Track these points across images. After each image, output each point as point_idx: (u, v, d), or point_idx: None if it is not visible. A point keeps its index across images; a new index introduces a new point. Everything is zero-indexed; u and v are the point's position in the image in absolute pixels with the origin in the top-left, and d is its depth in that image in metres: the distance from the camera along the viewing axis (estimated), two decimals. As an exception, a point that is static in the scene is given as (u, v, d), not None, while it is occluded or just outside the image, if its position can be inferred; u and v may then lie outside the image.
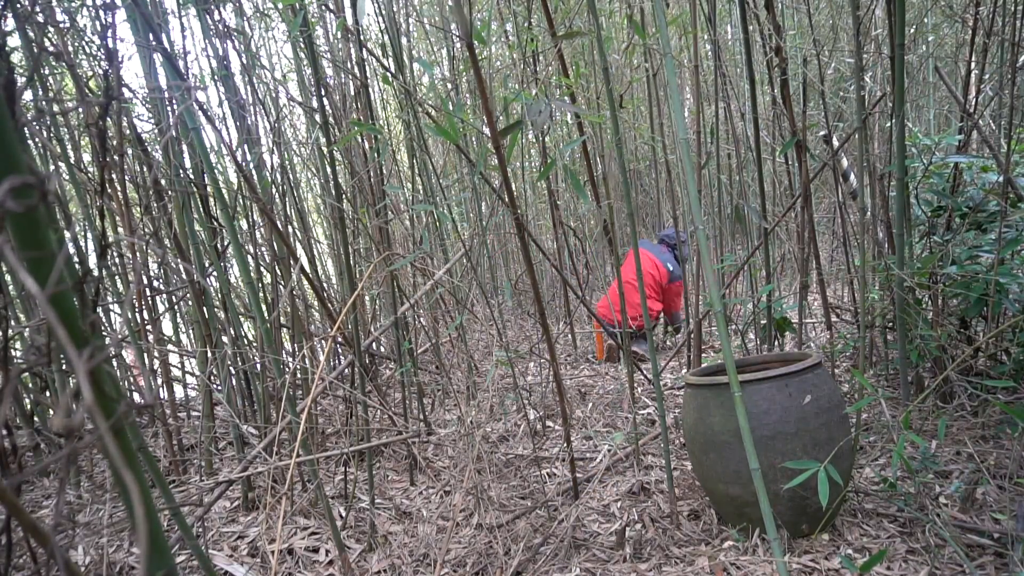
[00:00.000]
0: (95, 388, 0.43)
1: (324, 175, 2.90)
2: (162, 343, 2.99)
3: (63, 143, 2.52)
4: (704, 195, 3.08)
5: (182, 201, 2.25)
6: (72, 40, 2.45)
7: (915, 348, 2.24)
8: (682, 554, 1.76)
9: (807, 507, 1.69)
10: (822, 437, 1.66)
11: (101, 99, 0.55)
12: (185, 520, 1.23)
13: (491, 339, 4.17)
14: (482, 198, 3.67)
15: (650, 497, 2.12)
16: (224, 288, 2.29)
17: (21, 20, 1.55)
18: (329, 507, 1.81)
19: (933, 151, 2.36)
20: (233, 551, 2.02)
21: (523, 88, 2.58)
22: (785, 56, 2.41)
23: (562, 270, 3.75)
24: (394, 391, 3.43)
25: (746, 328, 3.34)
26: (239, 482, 2.28)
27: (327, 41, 3.04)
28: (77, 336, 0.40)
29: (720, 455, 1.73)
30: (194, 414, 3.25)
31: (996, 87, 2.77)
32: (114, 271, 2.83)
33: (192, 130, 1.72)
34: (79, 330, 0.41)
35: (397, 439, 2.25)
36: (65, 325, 0.40)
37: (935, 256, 2.19)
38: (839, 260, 4.23)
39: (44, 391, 2.80)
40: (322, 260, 4.40)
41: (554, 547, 1.84)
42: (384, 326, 2.90)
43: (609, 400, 3.11)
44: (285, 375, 1.80)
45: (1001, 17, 2.32)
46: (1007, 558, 1.50)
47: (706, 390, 1.77)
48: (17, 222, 0.39)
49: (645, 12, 3.57)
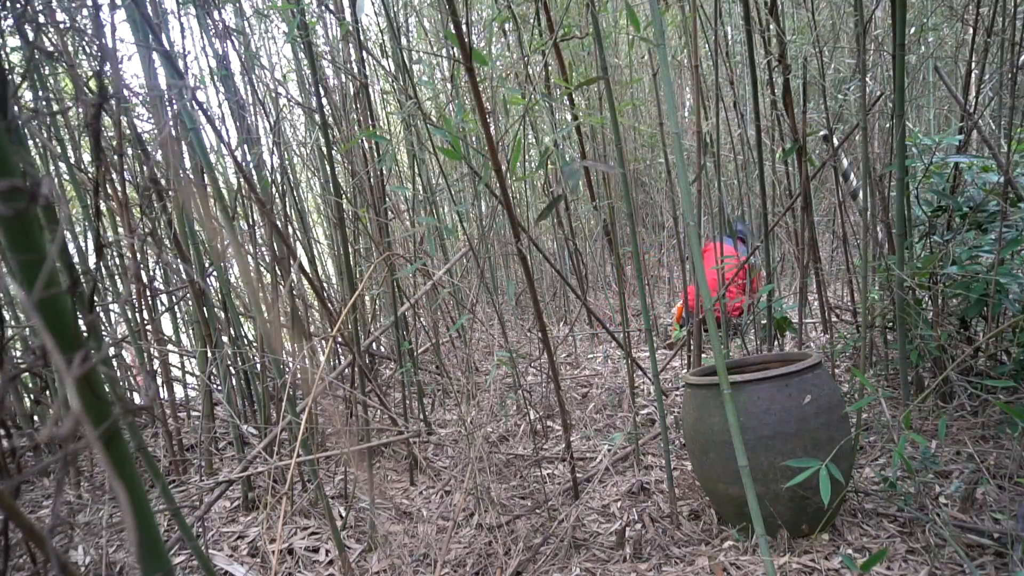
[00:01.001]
0: (88, 392, 0.43)
1: (324, 175, 2.90)
2: (162, 343, 2.99)
3: (63, 143, 2.52)
4: (704, 195, 3.08)
5: (181, 201, 2.25)
6: (72, 40, 2.45)
7: (915, 348, 2.24)
8: (682, 554, 1.75)
9: (807, 507, 1.69)
10: (822, 437, 1.66)
11: (96, 99, 0.55)
12: (185, 520, 1.23)
13: (491, 339, 4.17)
14: (482, 198, 3.67)
15: (650, 497, 2.12)
16: (224, 288, 2.29)
17: (19, 20, 1.55)
18: (329, 507, 1.81)
19: (933, 151, 2.36)
20: (233, 551, 2.02)
21: (523, 90, 2.57)
22: (788, 63, 2.40)
23: (562, 271, 3.76)
24: (394, 391, 3.44)
25: (746, 328, 3.33)
26: (239, 482, 2.28)
27: (327, 40, 3.04)
28: (70, 339, 0.40)
29: (720, 455, 1.73)
30: (194, 414, 3.25)
31: (996, 87, 2.77)
32: (114, 271, 2.83)
33: (191, 130, 1.72)
34: (71, 333, 0.40)
35: (397, 439, 2.25)
36: (58, 328, 0.40)
37: (935, 256, 2.19)
38: (839, 260, 4.23)
39: (44, 391, 2.81)
40: (322, 260, 4.40)
41: (554, 547, 1.84)
42: (384, 326, 2.90)
43: (609, 400, 3.11)
44: (286, 376, 1.80)
45: (1001, 17, 2.32)
46: (1007, 558, 1.50)
47: (705, 390, 1.76)
48: (9, 225, 0.39)
49: (645, 10, 3.57)
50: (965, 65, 2.71)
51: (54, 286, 0.39)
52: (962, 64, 3.75)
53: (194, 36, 8.08)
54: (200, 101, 1.80)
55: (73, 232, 2.82)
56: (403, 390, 2.68)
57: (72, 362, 0.27)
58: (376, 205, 2.56)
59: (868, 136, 2.17)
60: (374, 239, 2.55)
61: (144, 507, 0.54)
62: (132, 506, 0.51)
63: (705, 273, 1.45)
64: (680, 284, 4.98)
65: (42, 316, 0.38)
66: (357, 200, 2.89)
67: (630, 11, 1.84)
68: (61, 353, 0.37)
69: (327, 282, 4.24)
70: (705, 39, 2.90)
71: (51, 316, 0.39)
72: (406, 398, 2.76)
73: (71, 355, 0.37)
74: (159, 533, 0.58)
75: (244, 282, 1.88)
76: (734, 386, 1.71)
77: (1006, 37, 2.25)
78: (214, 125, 1.85)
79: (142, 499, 0.54)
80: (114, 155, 2.28)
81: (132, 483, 0.51)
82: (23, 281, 0.38)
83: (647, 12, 3.58)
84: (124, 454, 0.51)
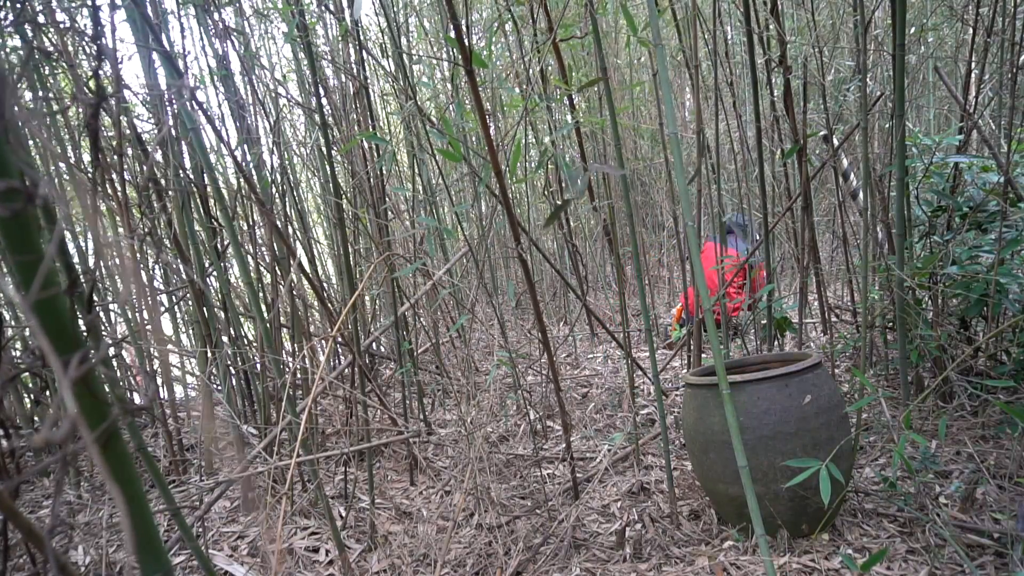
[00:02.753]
0: (86, 393, 0.43)
1: (324, 175, 2.90)
2: (162, 343, 2.99)
3: (63, 143, 2.52)
4: (704, 195, 3.08)
5: (181, 201, 2.25)
6: (72, 40, 2.45)
7: (915, 348, 2.24)
8: (682, 554, 1.75)
9: (807, 507, 1.69)
10: (822, 437, 1.66)
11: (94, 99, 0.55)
12: (185, 520, 1.23)
13: (491, 339, 4.17)
14: (482, 198, 3.67)
15: (650, 497, 2.12)
16: (224, 288, 2.29)
17: (18, 19, 1.56)
18: (329, 507, 1.81)
19: (933, 151, 2.36)
20: (233, 551, 2.02)
21: (523, 91, 2.57)
22: (789, 64, 2.40)
23: (562, 271, 3.75)
24: (394, 391, 3.44)
25: (746, 328, 3.33)
26: (239, 482, 2.28)
27: (327, 40, 3.04)
28: (68, 340, 0.40)
29: (720, 455, 1.73)
30: (194, 414, 3.25)
31: (996, 87, 2.77)
32: (115, 271, 2.83)
33: (191, 130, 1.72)
34: (69, 334, 0.40)
35: (397, 439, 2.25)
36: (56, 328, 0.39)
37: (935, 256, 2.18)
38: (839, 260, 4.22)
39: (44, 391, 2.80)
40: (322, 260, 4.40)
41: (554, 547, 1.84)
42: (384, 326, 2.90)
43: (610, 400, 3.11)
44: (286, 376, 1.80)
45: (1001, 17, 2.32)
46: (1007, 558, 1.50)
47: (705, 390, 1.76)
48: (7, 225, 0.39)
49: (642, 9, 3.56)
50: (965, 65, 2.71)
51: (52, 287, 0.39)
52: (962, 64, 3.75)
53: (194, 36, 8.09)
54: (200, 101, 1.80)
55: (74, 232, 2.82)
56: (403, 390, 2.68)
57: (69, 364, 0.27)
58: (376, 205, 2.56)
59: (868, 136, 2.17)
60: (374, 239, 2.55)
61: (142, 508, 0.54)
62: (129, 507, 0.51)
63: (704, 274, 1.45)
64: (680, 284, 4.98)
65: (39, 317, 0.38)
66: (357, 201, 2.89)
67: (627, 14, 1.84)
68: (58, 355, 0.37)
69: (327, 282, 4.24)
70: (705, 41, 2.90)
71: (49, 317, 0.39)
72: (406, 398, 2.76)
73: (68, 357, 0.37)
74: (158, 533, 0.58)
75: (244, 282, 1.88)
76: (734, 386, 1.71)
77: (1006, 37, 2.25)
78: (214, 125, 1.85)
79: (140, 500, 0.54)
80: (114, 155, 2.28)
81: (130, 484, 0.51)
82: (21, 282, 0.38)
83: (647, 14, 3.58)
84: (122, 455, 0.51)
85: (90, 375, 0.43)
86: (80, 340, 0.42)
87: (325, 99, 2.67)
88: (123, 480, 0.50)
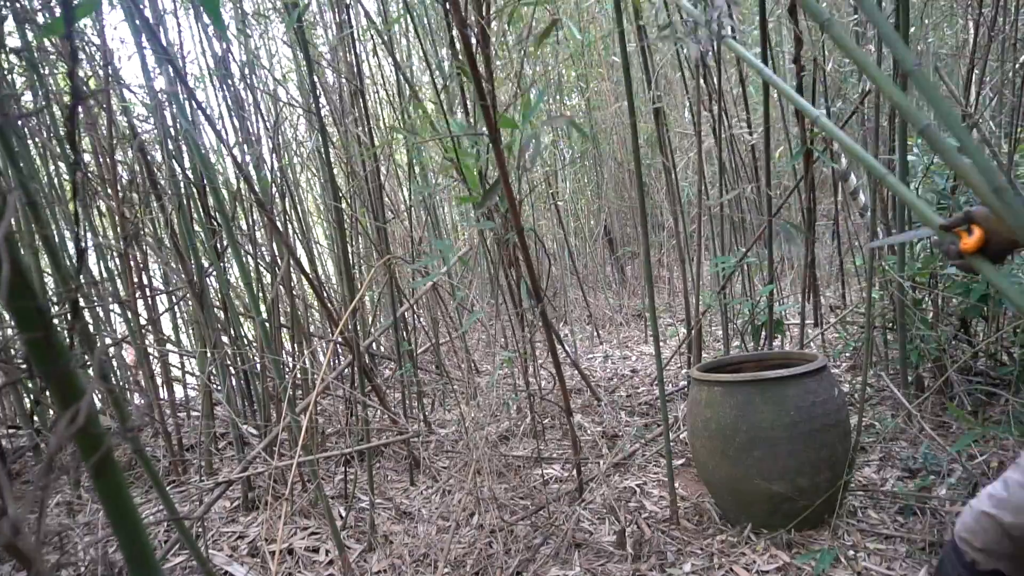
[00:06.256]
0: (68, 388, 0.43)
1: (323, 176, 2.90)
2: (162, 343, 2.99)
3: (62, 143, 2.52)
4: (703, 196, 3.07)
5: (179, 202, 2.25)
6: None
7: (915, 348, 2.24)
8: (682, 553, 1.75)
9: (806, 506, 1.69)
10: (822, 436, 1.66)
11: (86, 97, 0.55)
12: (184, 525, 1.23)
13: (491, 339, 4.17)
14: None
15: (650, 497, 2.12)
16: (223, 288, 2.29)
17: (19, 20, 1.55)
18: (329, 507, 1.81)
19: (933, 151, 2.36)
20: (233, 551, 2.02)
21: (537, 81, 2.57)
22: (803, 64, 2.39)
23: (562, 271, 3.75)
24: (394, 391, 3.43)
25: (746, 328, 3.33)
26: (239, 482, 2.28)
27: (327, 40, 3.04)
28: (44, 350, 0.39)
29: (722, 454, 1.73)
30: (194, 414, 3.25)
31: (996, 87, 2.77)
32: (114, 271, 2.83)
33: (186, 130, 1.72)
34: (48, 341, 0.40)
35: (397, 439, 2.25)
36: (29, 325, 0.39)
37: (935, 256, 2.18)
38: (838, 261, 4.22)
39: (44, 391, 2.80)
40: (322, 260, 4.39)
41: (554, 547, 1.83)
42: (384, 327, 2.90)
43: (610, 400, 3.11)
44: (286, 377, 1.80)
45: (1002, 16, 2.32)
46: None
47: (708, 388, 1.77)
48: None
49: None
50: (965, 65, 2.71)
51: (29, 297, 0.39)
52: (962, 64, 3.75)
53: (194, 36, 8.09)
54: (199, 101, 1.80)
55: (73, 231, 2.82)
56: (403, 390, 2.67)
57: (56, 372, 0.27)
58: (375, 207, 2.56)
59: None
60: (373, 240, 2.55)
61: (136, 527, 0.53)
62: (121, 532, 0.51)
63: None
64: (680, 284, 4.97)
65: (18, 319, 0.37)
66: (356, 202, 2.89)
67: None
68: (41, 365, 0.37)
69: (327, 282, 4.24)
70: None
71: (25, 321, 0.39)
72: (406, 398, 2.76)
73: (53, 365, 0.37)
74: (152, 553, 0.58)
75: (243, 283, 1.88)
76: (734, 385, 1.71)
77: (1007, 36, 2.25)
78: (213, 125, 1.85)
79: (132, 513, 0.54)
80: (108, 156, 2.27)
81: (119, 500, 0.51)
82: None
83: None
84: (116, 482, 0.50)
85: (73, 380, 0.42)
86: (65, 352, 0.41)
87: (324, 99, 2.67)
88: (118, 514, 0.50)
